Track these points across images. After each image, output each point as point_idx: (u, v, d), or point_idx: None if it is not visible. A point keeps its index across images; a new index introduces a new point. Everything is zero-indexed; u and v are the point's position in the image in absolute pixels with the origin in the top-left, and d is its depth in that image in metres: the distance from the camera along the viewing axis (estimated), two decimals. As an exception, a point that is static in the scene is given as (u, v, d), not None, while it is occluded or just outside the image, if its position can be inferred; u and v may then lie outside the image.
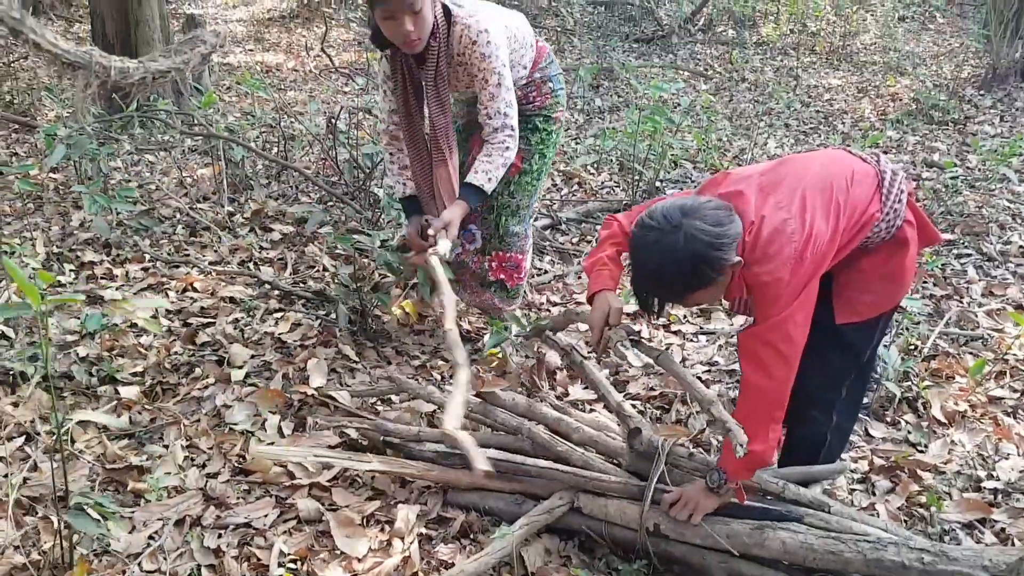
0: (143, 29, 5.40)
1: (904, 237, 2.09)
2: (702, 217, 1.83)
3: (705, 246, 1.81)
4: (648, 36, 10.28)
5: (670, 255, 1.82)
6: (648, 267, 1.89)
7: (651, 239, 1.85)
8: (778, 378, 1.95)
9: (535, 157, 2.97)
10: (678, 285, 1.89)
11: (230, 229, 4.15)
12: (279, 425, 2.72)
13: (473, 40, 2.58)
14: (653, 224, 1.86)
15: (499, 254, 3.06)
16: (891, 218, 2.03)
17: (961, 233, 4.64)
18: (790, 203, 1.93)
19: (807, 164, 2.05)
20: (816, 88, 8.54)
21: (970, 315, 3.69)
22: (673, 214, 1.84)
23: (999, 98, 7.76)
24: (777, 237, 1.88)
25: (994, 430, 2.83)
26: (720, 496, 2.07)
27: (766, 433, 1.97)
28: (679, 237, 1.81)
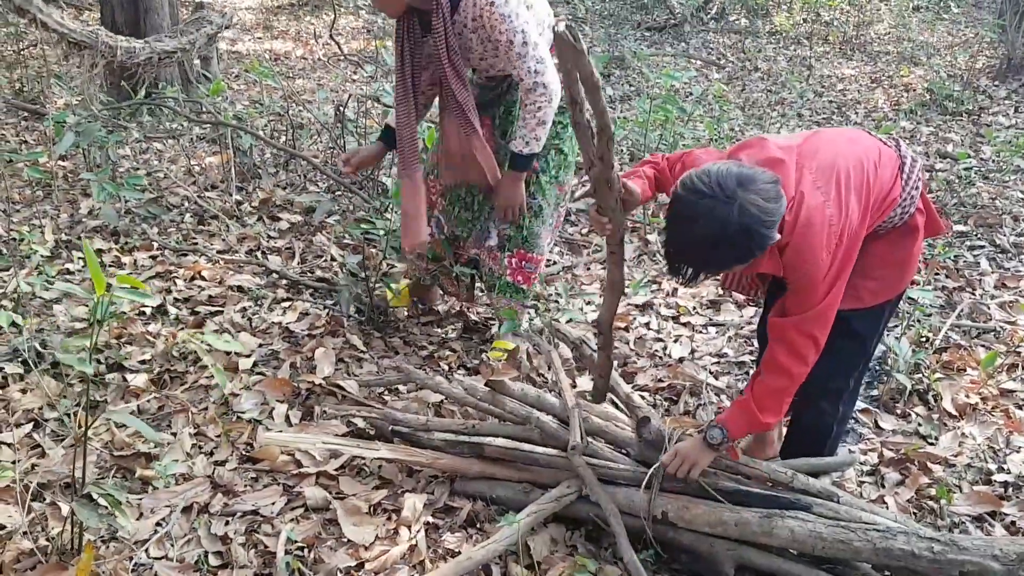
0: (152, 17, 5.39)
1: (915, 224, 2.09)
2: (758, 191, 1.73)
3: (758, 222, 1.73)
4: (660, 24, 10.21)
5: (720, 226, 1.72)
6: (693, 234, 1.78)
7: (703, 206, 1.73)
8: (809, 363, 2.00)
9: (551, 153, 2.90)
10: (722, 258, 1.82)
11: (238, 218, 4.14)
12: (287, 414, 2.72)
13: (490, 1, 2.53)
14: (705, 190, 1.74)
15: (520, 252, 2.99)
16: (907, 204, 2.03)
17: (974, 225, 4.59)
18: (827, 184, 1.89)
19: (837, 140, 2.03)
20: (829, 78, 8.48)
21: (982, 307, 3.65)
22: (728, 182, 1.73)
23: (1014, 89, 7.68)
24: (816, 222, 1.85)
25: (1005, 423, 2.81)
26: (716, 452, 2.10)
27: (780, 408, 2.04)
28: (733, 209, 1.71)
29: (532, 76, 2.61)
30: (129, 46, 2.14)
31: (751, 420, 2.06)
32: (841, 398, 2.29)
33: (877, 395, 3.00)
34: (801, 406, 2.36)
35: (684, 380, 3.01)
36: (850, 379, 2.28)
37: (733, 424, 2.06)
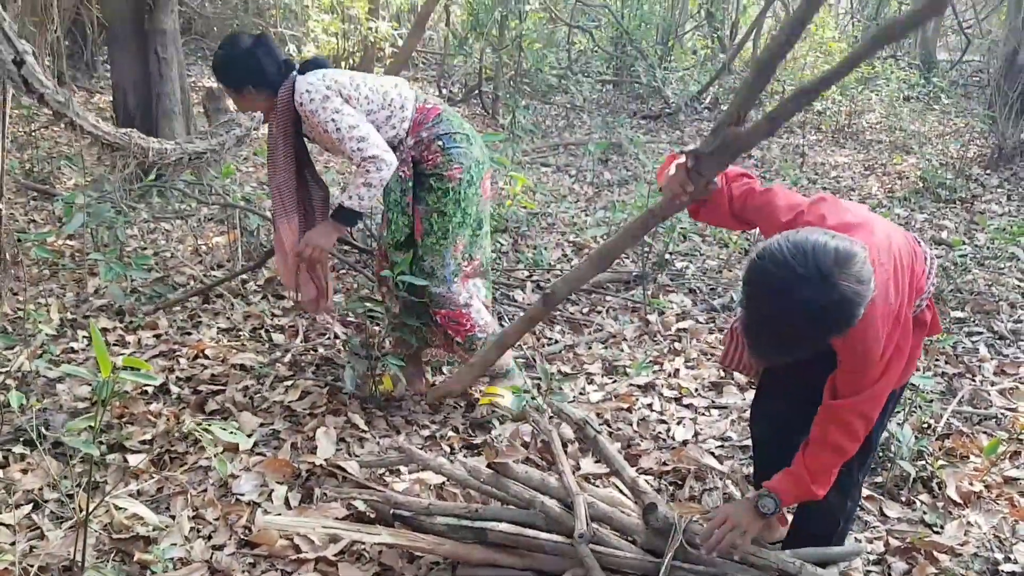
0: (164, 102, 5.53)
1: (924, 319, 2.09)
2: (855, 273, 1.59)
3: (853, 306, 1.60)
4: (655, 113, 10.48)
5: (817, 308, 1.58)
6: (784, 321, 1.63)
7: (795, 289, 1.58)
8: (861, 439, 2.00)
9: (434, 216, 3.06)
10: (814, 341, 1.67)
11: (243, 296, 4.17)
12: (286, 496, 2.69)
13: (300, 103, 2.93)
14: (799, 270, 1.58)
15: (438, 311, 3.17)
16: (924, 297, 2.05)
17: (971, 311, 4.64)
18: (888, 261, 1.82)
19: (889, 227, 1.98)
20: (823, 165, 8.66)
21: (983, 394, 3.66)
22: (825, 262, 1.57)
23: (1006, 177, 7.84)
24: (879, 299, 1.75)
25: (1010, 511, 2.78)
26: (765, 520, 2.06)
27: (830, 481, 2.04)
28: (831, 292, 1.57)
29: (357, 155, 2.90)
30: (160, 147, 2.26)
31: (803, 491, 2.04)
32: (847, 492, 2.27)
33: (881, 482, 2.98)
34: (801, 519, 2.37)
35: (689, 464, 2.99)
36: (853, 472, 2.26)
37: (785, 494, 2.04)
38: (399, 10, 12.67)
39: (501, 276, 4.59)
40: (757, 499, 2.06)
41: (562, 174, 7.48)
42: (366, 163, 2.90)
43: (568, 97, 10.17)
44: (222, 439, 2.19)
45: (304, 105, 2.91)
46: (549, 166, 7.66)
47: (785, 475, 2.06)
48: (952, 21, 17.18)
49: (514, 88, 9.01)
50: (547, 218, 5.75)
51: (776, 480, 2.07)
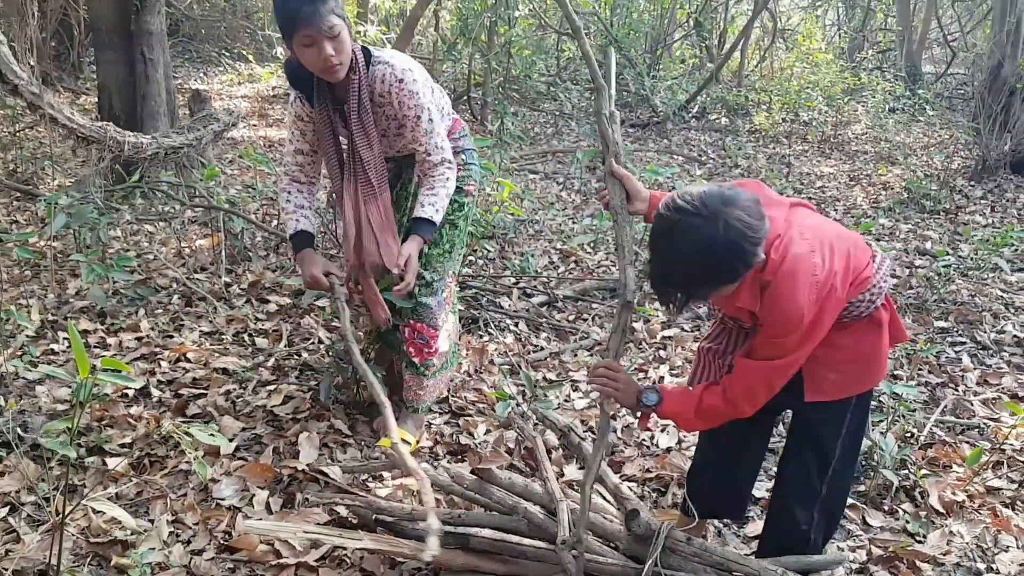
0: (149, 103, 5.50)
1: (879, 318, 2.09)
2: (743, 208, 1.75)
3: (742, 237, 1.74)
4: (644, 122, 10.52)
5: (708, 244, 1.73)
6: (682, 255, 1.78)
7: (686, 224, 1.74)
8: (757, 406, 2.05)
9: (445, 228, 2.92)
10: (710, 277, 1.81)
11: (226, 300, 4.15)
12: (267, 501, 2.67)
13: (399, 79, 2.61)
14: (689, 208, 1.75)
15: (412, 322, 2.94)
16: (876, 292, 2.04)
17: (955, 321, 4.66)
18: (815, 240, 1.91)
19: (825, 220, 2.07)
20: (808, 175, 8.70)
21: (966, 403, 3.67)
22: (712, 201, 1.74)
23: (989, 189, 7.91)
24: (801, 268, 1.85)
25: (992, 521, 2.79)
26: (637, 406, 2.12)
27: (715, 423, 2.13)
28: (719, 226, 1.72)
29: (439, 152, 2.71)
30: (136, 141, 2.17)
31: (683, 412, 2.10)
32: (815, 504, 2.25)
33: (864, 491, 2.99)
34: (775, 508, 2.36)
35: (672, 471, 2.99)
36: (822, 483, 2.24)
37: (669, 403, 2.10)
38: (388, 14, 12.67)
39: (487, 283, 4.58)
40: (646, 388, 2.10)
41: (550, 181, 7.48)
42: (446, 165, 2.74)
43: (556, 104, 10.18)
44: (203, 442, 2.17)
45: (404, 84, 2.60)
46: (537, 173, 7.66)
47: (681, 392, 2.11)
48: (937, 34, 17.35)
49: (503, 94, 9.01)
50: (534, 225, 5.74)
51: (672, 390, 2.12)
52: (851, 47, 16.64)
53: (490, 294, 4.44)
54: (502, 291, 4.50)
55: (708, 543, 2.21)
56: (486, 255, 5.03)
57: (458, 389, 3.45)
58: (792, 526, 2.29)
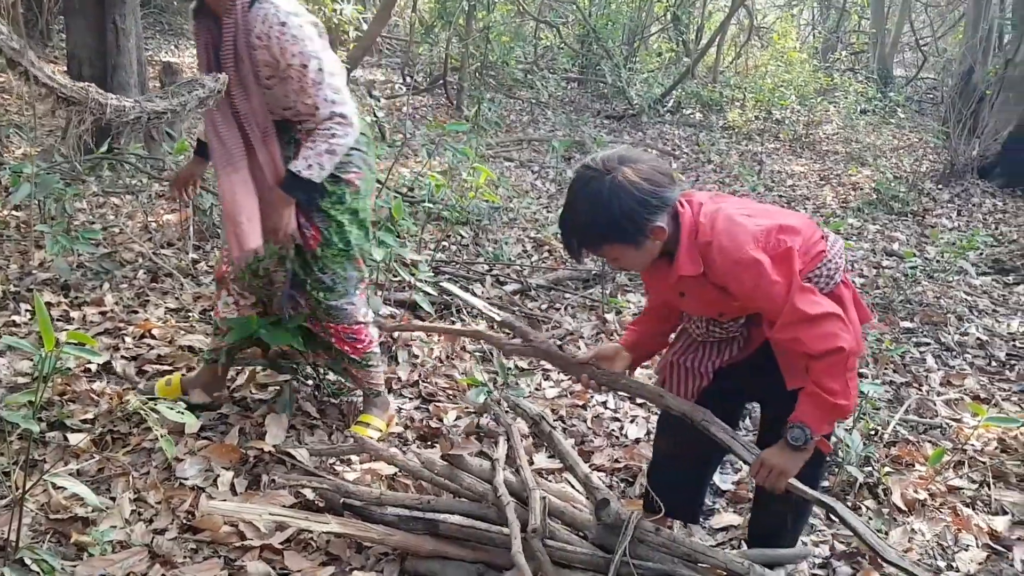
0: (120, 74, 5.37)
1: (840, 294, 2.05)
2: (637, 169, 1.82)
3: (628, 194, 1.81)
4: (619, 114, 10.53)
5: (595, 199, 1.82)
6: (573, 207, 1.89)
7: (582, 179, 1.86)
8: (833, 332, 1.86)
9: (332, 227, 2.66)
10: (595, 230, 1.88)
11: (193, 276, 4.08)
12: (232, 482, 2.63)
13: (282, 21, 2.37)
14: (590, 165, 1.86)
15: (332, 326, 2.80)
16: (832, 267, 2.01)
17: (920, 322, 4.73)
18: (747, 208, 1.97)
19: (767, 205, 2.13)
20: (780, 174, 8.78)
21: (929, 403, 3.73)
22: (611, 160, 1.84)
23: (956, 193, 8.04)
24: (736, 221, 1.88)
25: (953, 520, 2.83)
26: (805, 452, 1.96)
27: (847, 384, 1.89)
28: (605, 180, 1.81)
29: (329, 106, 2.44)
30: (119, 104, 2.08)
31: (822, 404, 1.91)
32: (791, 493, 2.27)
33: (828, 487, 3.02)
34: (762, 500, 2.38)
35: (641, 462, 2.99)
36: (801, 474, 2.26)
37: (810, 416, 1.92)
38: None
39: (461, 269, 4.56)
40: (787, 435, 1.94)
41: (525, 169, 7.46)
42: (337, 121, 2.44)
43: (533, 92, 10.15)
44: (169, 419, 2.12)
45: (286, 27, 2.37)
46: (512, 161, 7.64)
47: (802, 402, 1.95)
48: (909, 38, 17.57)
49: (479, 80, 8.96)
50: (508, 213, 5.72)
51: (797, 410, 1.95)
52: (824, 47, 16.81)
53: (463, 280, 4.42)
54: (475, 278, 4.48)
55: (676, 534, 2.22)
56: (459, 241, 5.00)
57: (429, 375, 3.43)
58: (774, 518, 2.32)
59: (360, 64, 10.73)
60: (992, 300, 5.19)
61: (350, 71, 9.97)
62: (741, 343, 2.17)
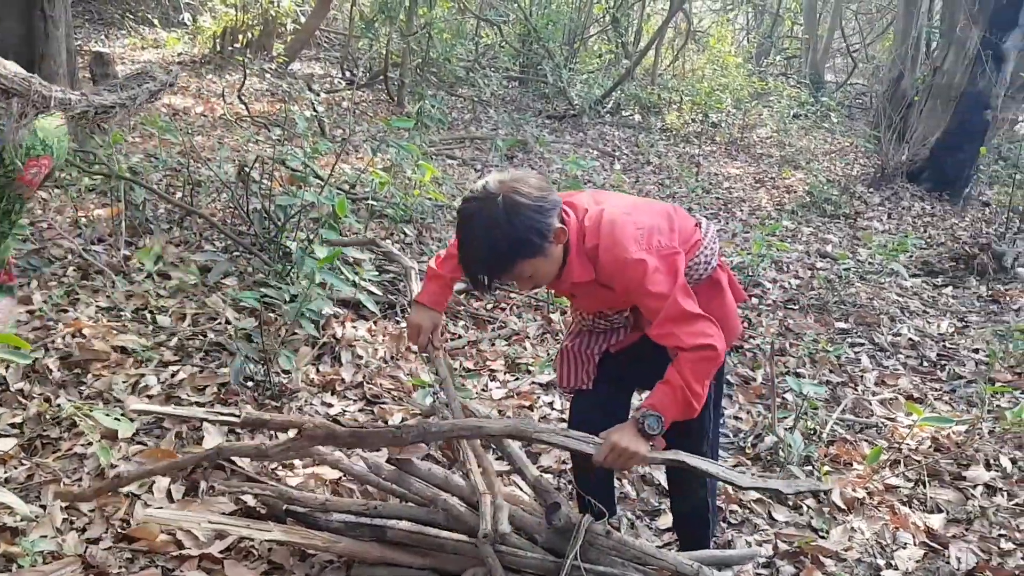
0: (49, 64, 5.16)
1: (718, 279, 2.19)
2: (520, 183, 1.86)
3: (525, 208, 1.83)
4: (560, 114, 10.55)
5: (492, 221, 1.83)
6: (474, 240, 1.89)
7: (472, 210, 1.86)
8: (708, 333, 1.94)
9: None
10: (505, 253, 1.88)
11: (125, 274, 3.93)
12: (168, 488, 2.54)
13: None
14: (473, 196, 1.87)
15: None
16: (709, 254, 2.14)
17: (855, 323, 4.84)
18: (626, 206, 2.04)
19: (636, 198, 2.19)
20: (717, 176, 8.91)
21: (865, 403, 3.81)
22: (491, 183, 1.86)
23: (887, 196, 8.26)
24: (619, 223, 1.94)
25: (891, 519, 2.89)
26: (650, 441, 1.98)
27: (705, 381, 1.98)
28: (498, 203, 1.83)
29: None
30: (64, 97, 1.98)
31: (679, 397, 1.95)
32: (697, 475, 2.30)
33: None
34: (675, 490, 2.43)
35: (587, 465, 2.99)
36: (704, 447, 2.28)
37: (664, 408, 1.95)
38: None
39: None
40: (641, 420, 1.95)
41: (468, 168, 7.42)
42: None
43: (475, 91, 10.10)
44: (103, 425, 2.04)
45: None
46: (455, 159, 7.58)
47: (658, 391, 1.98)
48: (840, 44, 18.03)
49: (421, 77, 8.88)
50: (452, 211, 5.67)
51: (654, 397, 1.98)
52: (758, 52, 17.14)
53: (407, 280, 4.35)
54: (419, 277, 4.41)
55: (626, 537, 2.21)
56: (403, 239, 4.94)
57: (374, 376, 3.37)
58: (693, 499, 2.36)
59: (298, 57, 10.55)
60: (922, 301, 5.35)
61: (288, 64, 9.81)
62: (627, 330, 2.27)
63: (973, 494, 3.04)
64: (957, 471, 3.20)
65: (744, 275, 5.39)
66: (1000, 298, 5.48)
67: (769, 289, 5.32)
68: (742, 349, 4.30)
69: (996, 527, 2.85)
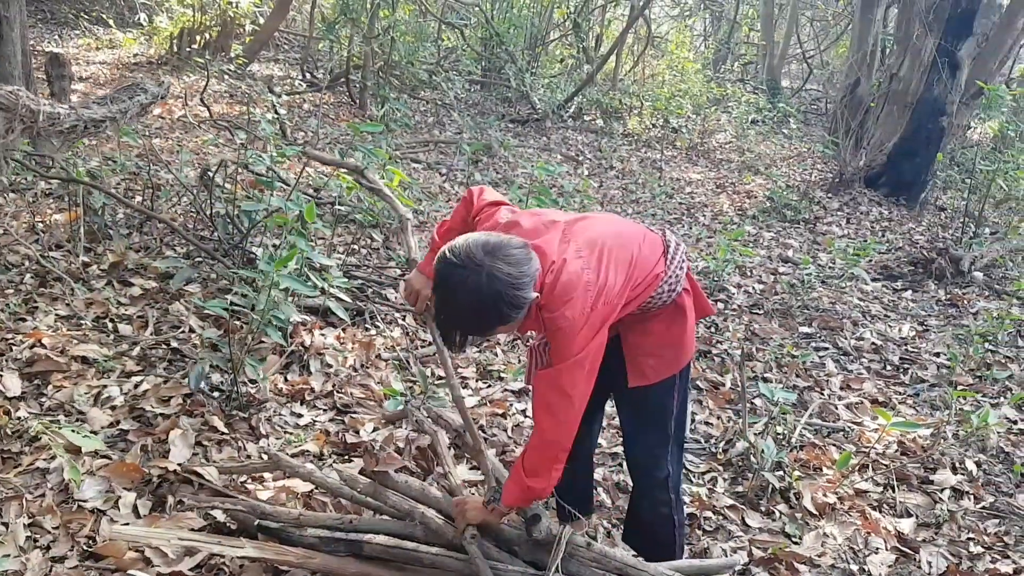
0: (3, 65, 5.00)
1: (682, 304, 2.22)
2: (504, 257, 1.86)
3: (507, 286, 1.84)
4: (523, 118, 10.55)
5: (475, 294, 1.84)
6: (454, 305, 1.90)
7: (456, 277, 1.86)
8: (563, 421, 2.02)
9: None
10: (483, 322, 1.93)
11: (85, 281, 3.83)
12: (135, 504, 2.47)
13: None
14: (457, 263, 1.86)
15: None
16: (673, 282, 2.16)
17: (818, 327, 4.90)
18: (590, 254, 2.01)
19: (608, 221, 2.18)
20: (679, 181, 8.97)
21: (831, 407, 3.85)
22: (476, 252, 1.85)
23: (845, 201, 8.39)
24: (574, 285, 1.95)
25: (862, 523, 2.92)
26: (491, 513, 2.14)
27: (548, 472, 2.05)
28: (483, 277, 1.83)
29: None
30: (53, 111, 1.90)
31: (520, 485, 2.08)
32: (668, 483, 2.34)
33: (743, 492, 3.07)
34: (636, 498, 2.43)
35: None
36: (668, 462, 2.33)
37: (507, 491, 2.10)
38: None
39: (373, 274, 4.44)
40: (491, 495, 2.14)
41: (433, 172, 7.37)
42: None
43: (438, 94, 10.05)
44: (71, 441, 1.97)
45: None
46: (419, 163, 7.53)
47: (512, 474, 2.12)
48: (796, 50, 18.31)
49: (383, 80, 8.81)
50: (419, 216, 5.63)
51: (508, 479, 2.13)
52: (716, 58, 17.33)
53: (376, 285, 4.30)
54: (388, 283, 4.37)
55: (607, 548, 2.20)
56: (370, 245, 4.88)
57: (344, 384, 3.31)
58: (655, 509, 2.37)
59: (257, 58, 10.41)
60: (883, 305, 5.43)
61: (247, 65, 9.67)
62: None
63: (941, 498, 3.09)
64: (924, 475, 3.25)
65: (710, 280, 5.43)
66: (958, 302, 5.59)
67: (734, 294, 5.36)
68: (710, 354, 4.32)
69: (965, 531, 2.89)
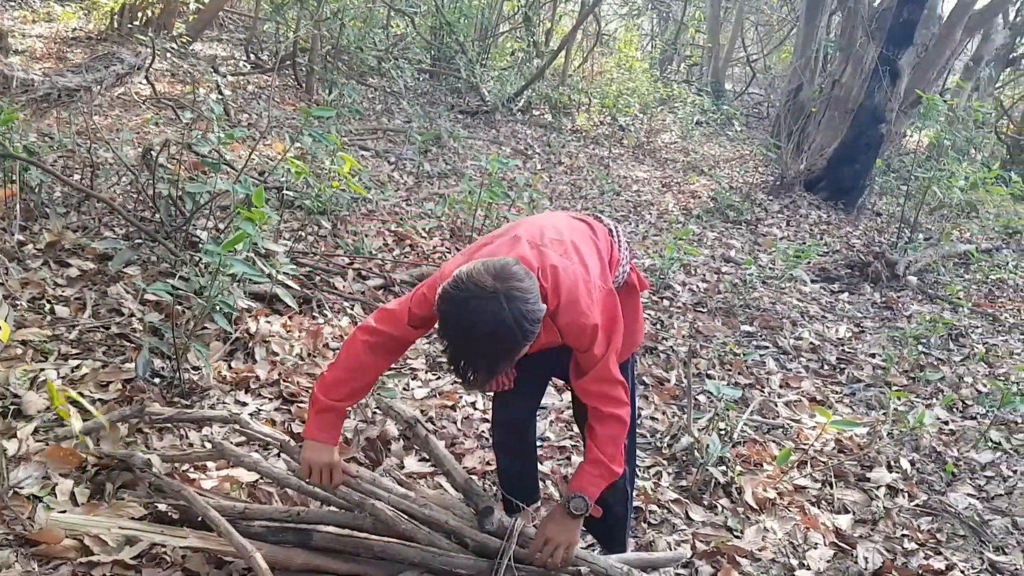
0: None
1: (632, 282, 2.32)
2: (512, 275, 1.81)
3: (524, 303, 1.79)
4: (473, 109, 10.52)
5: (496, 321, 1.76)
6: (475, 340, 1.80)
7: (473, 307, 1.77)
8: (627, 400, 2.08)
9: None
10: (511, 348, 1.84)
11: (19, 260, 3.69)
12: (72, 491, 2.39)
13: None
14: (467, 295, 1.78)
15: None
16: (625, 263, 2.25)
17: (759, 326, 4.99)
18: (566, 251, 2.03)
19: (554, 219, 2.18)
20: (626, 179, 9.05)
21: (771, 404, 3.93)
22: (484, 279, 1.78)
23: (786, 204, 8.57)
24: (570, 280, 1.97)
25: (802, 519, 2.99)
26: (580, 519, 2.10)
27: (622, 452, 2.11)
28: (500, 301, 1.76)
29: None
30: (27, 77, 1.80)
31: (605, 473, 2.09)
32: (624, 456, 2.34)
33: (687, 486, 3.12)
34: None
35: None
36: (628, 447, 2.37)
37: (590, 485, 2.08)
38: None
39: (321, 261, 4.38)
40: (568, 504, 2.08)
41: (381, 160, 7.29)
42: None
43: (386, 81, 9.95)
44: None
45: None
46: (368, 150, 7.44)
47: (582, 471, 2.11)
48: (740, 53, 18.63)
49: (331, 64, 8.68)
50: (367, 204, 5.57)
51: (577, 478, 2.10)
52: (663, 59, 17.53)
53: (323, 273, 4.24)
54: (336, 271, 4.31)
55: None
56: (317, 232, 4.81)
57: (290, 373, 3.26)
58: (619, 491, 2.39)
59: (200, 37, 10.16)
60: (821, 306, 5.57)
61: (189, 44, 9.42)
62: None
63: (877, 495, 3.18)
64: (861, 472, 3.34)
65: (656, 277, 5.50)
66: (893, 304, 5.77)
67: (679, 292, 5.44)
68: (656, 351, 4.37)
69: (899, 527, 2.98)
